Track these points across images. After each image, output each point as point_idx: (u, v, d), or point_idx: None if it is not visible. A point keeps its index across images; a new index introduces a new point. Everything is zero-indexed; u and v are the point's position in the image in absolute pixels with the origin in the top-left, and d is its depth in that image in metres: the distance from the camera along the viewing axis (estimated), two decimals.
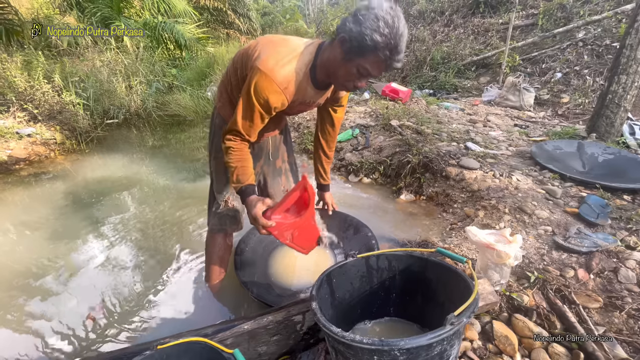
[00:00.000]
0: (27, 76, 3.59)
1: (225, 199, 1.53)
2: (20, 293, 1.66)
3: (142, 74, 5.37)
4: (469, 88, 5.18)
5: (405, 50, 1.01)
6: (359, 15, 0.98)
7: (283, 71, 1.07)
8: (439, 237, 2.01)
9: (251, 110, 1.12)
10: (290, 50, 1.10)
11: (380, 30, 0.94)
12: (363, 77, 1.07)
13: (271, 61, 1.06)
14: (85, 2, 7.45)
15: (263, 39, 1.19)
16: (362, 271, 1.16)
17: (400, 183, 2.60)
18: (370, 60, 1.01)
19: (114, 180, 2.92)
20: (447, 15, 7.13)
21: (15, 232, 2.22)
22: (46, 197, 2.68)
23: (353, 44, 0.99)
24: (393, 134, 3.14)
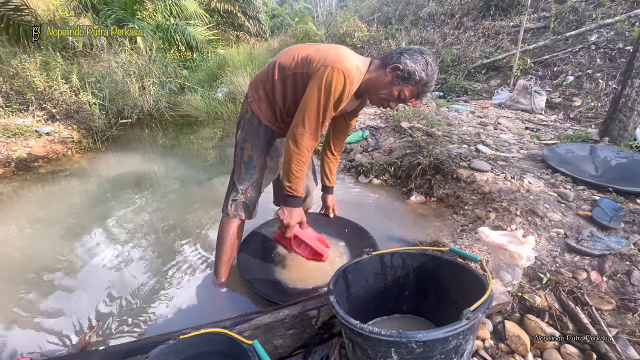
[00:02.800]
0: (46, 76, 3.70)
1: (245, 188, 1.59)
2: (32, 287, 1.70)
3: (155, 75, 5.48)
4: (479, 91, 5.17)
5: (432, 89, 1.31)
6: (415, 54, 1.25)
7: (353, 75, 1.23)
8: (449, 238, 2.03)
9: (326, 107, 1.24)
10: (352, 56, 1.28)
11: (426, 70, 1.25)
12: (399, 100, 1.32)
13: (347, 64, 1.21)
14: (100, 5, 7.63)
15: (309, 47, 1.34)
16: (376, 268, 1.19)
17: (410, 184, 2.62)
18: (411, 89, 1.28)
19: (129, 179, 2.99)
20: (457, 18, 7.12)
21: (31, 228, 2.29)
22: (63, 194, 2.76)
23: (404, 75, 1.24)
24: (403, 135, 3.16)
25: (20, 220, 2.37)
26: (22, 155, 3.06)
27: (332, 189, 1.90)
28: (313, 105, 1.23)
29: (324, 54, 1.25)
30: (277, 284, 1.61)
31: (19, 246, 2.06)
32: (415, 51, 1.26)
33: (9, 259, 1.91)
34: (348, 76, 1.20)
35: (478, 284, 1.02)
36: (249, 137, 1.52)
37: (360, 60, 1.31)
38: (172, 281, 1.74)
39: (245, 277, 1.51)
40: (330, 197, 1.90)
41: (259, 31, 12.17)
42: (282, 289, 1.57)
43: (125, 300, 1.62)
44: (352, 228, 1.91)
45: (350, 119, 1.68)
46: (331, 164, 1.83)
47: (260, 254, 1.75)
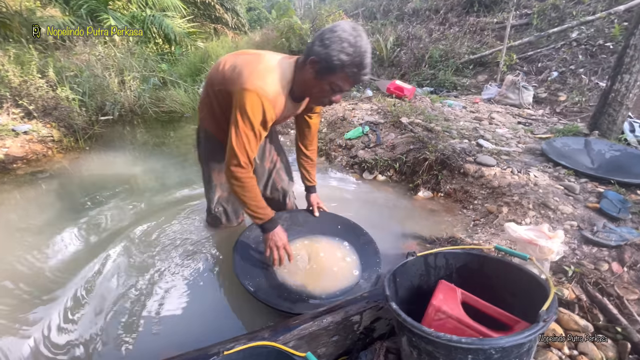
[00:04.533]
0: (20, 70, 3.40)
1: (216, 203, 1.78)
2: (17, 300, 1.55)
3: (135, 69, 5.19)
4: (467, 86, 5.26)
5: (369, 64, 1.11)
6: (324, 38, 1.09)
7: (271, 88, 1.15)
8: (464, 233, 2.03)
9: (251, 130, 1.18)
10: (270, 68, 1.18)
11: (345, 50, 1.06)
12: (335, 92, 1.18)
13: (258, 80, 1.14)
14: None
15: (236, 57, 1.28)
16: (421, 270, 1.16)
17: (417, 180, 2.61)
18: (340, 77, 1.12)
19: (116, 181, 2.77)
20: (442, 14, 7.20)
21: (12, 237, 2.08)
22: (45, 199, 2.54)
23: (322, 65, 1.10)
24: (404, 131, 3.16)
25: (5, 229, 2.16)
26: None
27: (314, 188, 1.85)
28: (236, 134, 1.19)
29: (239, 71, 1.19)
30: (285, 289, 1.48)
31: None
32: (327, 32, 1.10)
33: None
34: (263, 96, 1.14)
35: (530, 282, 1.00)
36: (204, 155, 1.65)
37: (284, 65, 1.21)
38: (170, 291, 1.60)
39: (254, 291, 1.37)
40: (314, 196, 1.87)
41: (237, 24, 11.86)
42: (293, 296, 1.46)
43: (116, 314, 1.46)
44: (344, 225, 1.89)
45: (311, 116, 1.59)
46: (307, 165, 1.79)
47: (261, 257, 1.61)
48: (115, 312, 1.47)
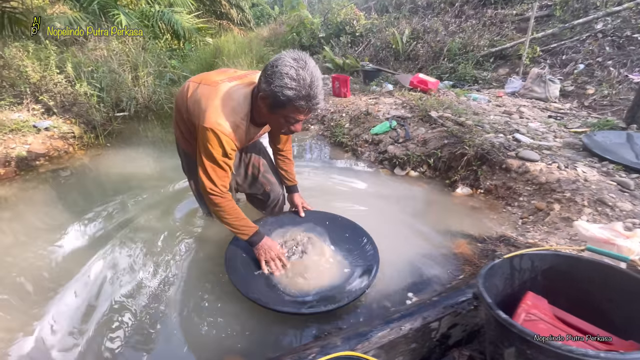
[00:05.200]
0: (39, 65, 3.32)
1: (206, 213, 1.92)
2: (33, 302, 1.49)
3: (149, 65, 5.11)
4: (489, 80, 5.13)
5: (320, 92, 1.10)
6: (267, 74, 1.09)
7: (227, 124, 1.19)
8: (514, 231, 1.94)
9: (216, 163, 1.24)
10: (225, 103, 1.20)
11: (288, 85, 1.05)
12: (292, 124, 1.18)
13: (216, 118, 1.18)
14: None
15: (197, 86, 1.32)
16: (506, 273, 1.07)
17: (454, 176, 2.51)
18: (290, 111, 1.11)
19: (139, 179, 2.68)
20: (457, 6, 7.04)
21: (34, 235, 2.01)
22: (67, 197, 2.46)
23: (271, 101, 1.11)
24: (434, 125, 3.05)
25: (27, 229, 2.08)
26: (21, 153, 2.72)
27: (295, 187, 1.82)
28: (203, 167, 1.26)
29: (199, 105, 1.24)
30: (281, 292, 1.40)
31: (24, 256, 1.80)
32: (269, 67, 1.09)
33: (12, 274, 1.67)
34: (221, 132, 1.17)
35: (633, 285, 0.91)
36: (186, 169, 1.72)
37: (241, 98, 1.22)
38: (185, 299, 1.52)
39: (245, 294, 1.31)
40: (297, 196, 1.82)
41: (242, 20, 11.75)
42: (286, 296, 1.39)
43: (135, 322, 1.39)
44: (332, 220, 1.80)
45: None
46: (284, 165, 1.78)
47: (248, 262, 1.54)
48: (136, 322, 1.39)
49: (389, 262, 1.69)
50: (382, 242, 1.85)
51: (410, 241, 1.87)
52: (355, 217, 2.05)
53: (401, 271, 1.63)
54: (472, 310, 1.14)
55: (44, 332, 1.32)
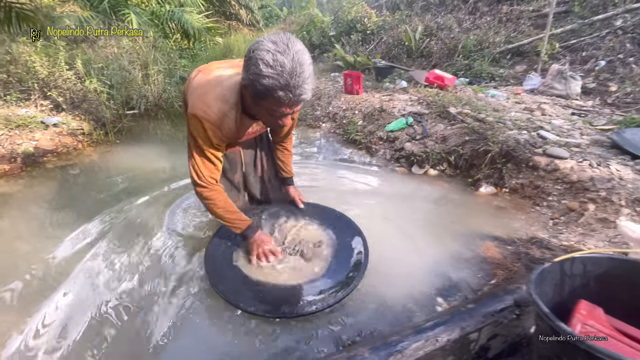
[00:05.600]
0: (48, 61, 3.28)
1: None
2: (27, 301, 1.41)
3: (159, 63, 5.06)
4: (505, 77, 4.96)
5: (306, 81, 0.94)
6: (246, 61, 0.97)
7: (213, 112, 1.11)
8: (545, 233, 1.81)
9: (203, 154, 1.20)
10: (214, 91, 1.12)
11: (263, 73, 0.90)
12: (277, 116, 1.05)
13: (201, 105, 1.11)
14: None
15: (197, 74, 1.25)
16: (556, 278, 0.95)
17: (477, 174, 2.38)
18: (272, 102, 0.98)
19: (148, 176, 2.61)
20: (471, 3, 6.88)
21: (37, 233, 1.93)
22: (74, 194, 2.40)
23: (250, 91, 1.00)
24: (453, 122, 2.92)
25: (30, 226, 2.01)
26: (28, 150, 2.67)
27: (291, 180, 1.76)
28: (189, 158, 1.23)
29: (191, 94, 1.18)
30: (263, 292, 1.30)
31: (23, 251, 1.73)
32: (248, 52, 0.96)
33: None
34: (205, 119, 1.11)
35: None
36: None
37: (231, 86, 1.13)
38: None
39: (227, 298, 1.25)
40: (292, 189, 1.75)
41: (252, 20, 11.75)
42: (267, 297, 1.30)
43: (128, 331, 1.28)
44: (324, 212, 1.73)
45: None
46: (282, 156, 1.70)
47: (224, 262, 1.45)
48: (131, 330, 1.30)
49: (412, 263, 1.58)
50: (403, 243, 1.75)
51: (434, 242, 1.75)
52: (373, 217, 1.96)
53: (426, 273, 1.51)
54: (514, 320, 1.02)
55: (31, 334, 1.25)
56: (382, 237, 1.79)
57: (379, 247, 1.71)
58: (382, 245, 1.72)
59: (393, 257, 1.63)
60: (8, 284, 1.49)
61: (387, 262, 1.59)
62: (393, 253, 1.66)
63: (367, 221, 1.91)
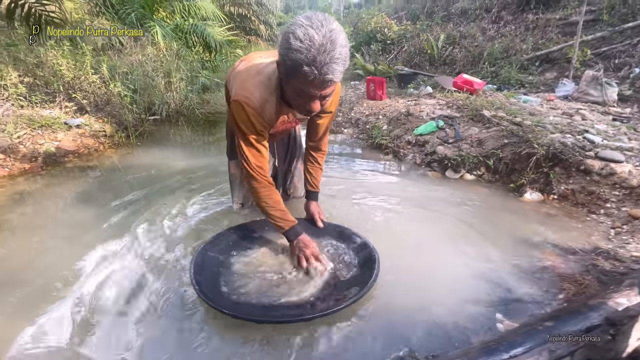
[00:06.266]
0: (74, 65, 3.31)
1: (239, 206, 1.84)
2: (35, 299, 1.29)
3: (182, 71, 5.11)
4: (535, 83, 4.76)
5: (336, 60, 0.90)
6: (281, 37, 0.96)
7: (255, 98, 1.12)
8: (607, 242, 1.60)
9: (247, 138, 1.19)
10: (255, 76, 1.14)
11: (293, 47, 0.88)
12: (306, 98, 1.01)
13: (243, 91, 1.12)
14: (119, 5, 7.35)
15: (241, 63, 1.27)
16: None
17: (520, 179, 2.18)
18: (300, 80, 0.95)
19: (167, 179, 2.48)
20: (494, 12, 6.76)
21: (53, 231, 1.83)
22: (93, 194, 2.30)
23: (282, 69, 1.00)
24: (488, 125, 2.74)
25: (47, 224, 1.92)
26: (50, 149, 2.64)
27: (316, 195, 1.64)
28: (238, 145, 1.23)
29: (234, 82, 1.21)
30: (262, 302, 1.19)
31: (39, 250, 1.62)
32: (284, 29, 0.96)
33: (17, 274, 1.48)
34: (246, 105, 1.11)
35: None
36: (229, 151, 1.69)
37: (270, 72, 1.12)
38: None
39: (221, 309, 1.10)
40: (314, 205, 1.62)
41: (270, 36, 12.01)
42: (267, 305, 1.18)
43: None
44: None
45: (320, 116, 1.43)
46: (312, 169, 1.61)
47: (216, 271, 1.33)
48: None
49: (459, 275, 1.40)
50: (448, 251, 1.57)
51: (483, 251, 1.56)
52: (408, 223, 1.80)
53: (477, 286, 1.32)
54: (609, 342, 0.83)
55: (30, 335, 1.13)
56: (421, 244, 1.63)
57: (418, 255, 1.54)
58: (422, 254, 1.55)
59: (437, 266, 1.45)
60: (18, 285, 1.38)
61: (431, 272, 1.41)
62: (436, 262, 1.48)
63: (403, 227, 1.76)
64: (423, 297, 1.26)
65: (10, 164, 2.45)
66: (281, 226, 1.33)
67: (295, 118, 1.35)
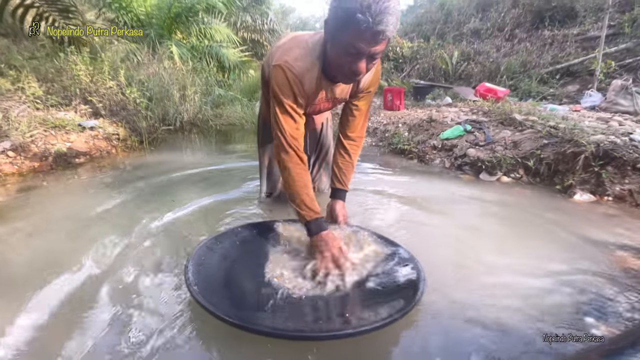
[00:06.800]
0: (93, 69, 3.30)
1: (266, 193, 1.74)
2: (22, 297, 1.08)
3: (197, 84, 5.14)
4: (557, 95, 4.63)
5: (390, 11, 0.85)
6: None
7: (296, 62, 1.08)
8: None
9: (283, 105, 1.12)
10: (298, 44, 1.11)
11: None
12: (353, 56, 0.95)
13: (286, 58, 1.08)
14: (139, 27, 7.63)
15: (281, 40, 1.22)
16: None
17: (567, 180, 1.98)
18: (351, 34, 0.91)
19: (178, 184, 2.31)
20: (507, 31, 6.78)
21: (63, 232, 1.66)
22: (99, 195, 2.12)
23: (332, 24, 0.96)
24: (522, 127, 2.57)
25: (50, 222, 1.76)
26: (61, 149, 2.54)
27: (341, 194, 1.40)
28: (274, 115, 1.14)
29: (276, 53, 1.14)
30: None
31: (44, 249, 1.45)
32: None
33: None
34: (287, 69, 1.07)
35: None
36: (260, 140, 1.66)
37: (315, 40, 1.10)
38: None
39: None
40: (339, 205, 1.37)
41: None
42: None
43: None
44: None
45: (357, 103, 1.32)
46: (341, 163, 1.40)
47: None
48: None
49: (530, 280, 1.17)
50: (510, 254, 1.35)
51: (547, 254, 1.35)
52: (456, 227, 1.59)
53: (553, 289, 1.10)
54: None
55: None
56: (479, 248, 1.40)
57: (478, 259, 1.32)
58: (484, 257, 1.33)
59: (505, 271, 1.23)
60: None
61: (496, 276, 1.19)
62: (503, 268, 1.26)
63: (453, 230, 1.55)
64: (489, 304, 1.04)
65: (20, 161, 2.34)
66: (304, 215, 1.12)
67: (334, 96, 1.23)
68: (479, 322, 0.96)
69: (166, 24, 8.06)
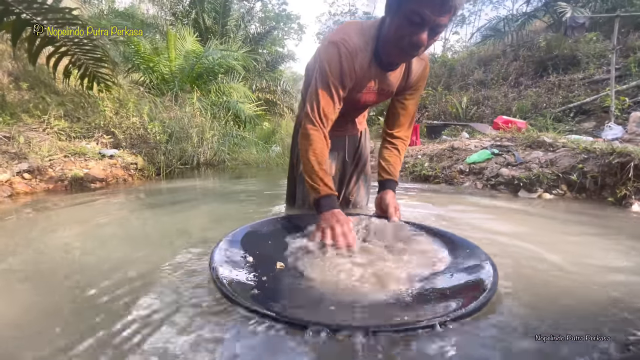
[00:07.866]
0: (119, 106, 3.42)
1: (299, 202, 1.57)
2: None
3: (215, 129, 5.31)
4: (576, 132, 4.58)
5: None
6: None
7: (352, 41, 1.06)
8: None
9: (326, 82, 1.08)
10: (355, 26, 1.09)
11: None
12: (416, 25, 0.92)
13: (341, 34, 1.07)
14: (163, 86, 8.23)
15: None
16: None
17: (621, 191, 1.80)
18: (414, 1, 0.88)
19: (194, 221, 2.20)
20: (512, 79, 7.05)
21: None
22: (113, 222, 2.00)
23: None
24: (553, 148, 2.46)
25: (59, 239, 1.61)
26: (78, 174, 2.49)
27: (393, 184, 1.30)
28: (312, 89, 1.12)
29: (329, 35, 1.12)
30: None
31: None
32: None
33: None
34: (341, 45, 1.05)
35: None
36: (295, 151, 1.57)
37: (369, 22, 1.09)
38: None
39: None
40: (390, 195, 1.25)
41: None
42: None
43: None
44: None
45: (405, 100, 1.27)
46: (388, 156, 1.32)
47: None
48: None
49: (617, 283, 0.96)
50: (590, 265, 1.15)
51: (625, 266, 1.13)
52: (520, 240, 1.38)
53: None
54: None
55: None
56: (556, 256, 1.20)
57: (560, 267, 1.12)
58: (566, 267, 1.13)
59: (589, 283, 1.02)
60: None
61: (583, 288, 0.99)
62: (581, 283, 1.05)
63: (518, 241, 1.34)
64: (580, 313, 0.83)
65: (35, 183, 2.28)
66: (318, 189, 1.05)
67: (381, 88, 1.19)
68: None
69: (188, 81, 8.66)
